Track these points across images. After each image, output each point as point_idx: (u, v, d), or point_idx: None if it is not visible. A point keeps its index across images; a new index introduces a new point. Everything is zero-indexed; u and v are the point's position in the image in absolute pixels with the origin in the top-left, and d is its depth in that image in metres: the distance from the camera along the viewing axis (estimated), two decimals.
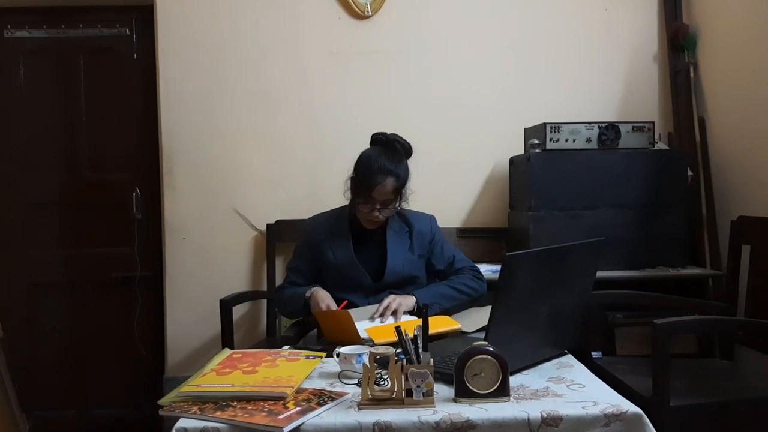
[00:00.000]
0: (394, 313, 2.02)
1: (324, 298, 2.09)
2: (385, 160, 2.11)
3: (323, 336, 2.08)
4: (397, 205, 2.16)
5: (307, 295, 2.13)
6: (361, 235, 2.20)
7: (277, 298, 2.32)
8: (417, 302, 2.10)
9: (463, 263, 2.30)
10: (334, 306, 2.06)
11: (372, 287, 2.17)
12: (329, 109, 3.10)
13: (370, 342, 1.80)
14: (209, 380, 1.47)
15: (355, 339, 1.83)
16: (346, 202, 2.24)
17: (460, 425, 1.28)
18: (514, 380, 1.51)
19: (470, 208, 3.15)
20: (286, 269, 2.31)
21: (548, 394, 1.42)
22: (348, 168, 2.19)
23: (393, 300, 2.05)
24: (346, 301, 2.09)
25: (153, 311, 3.14)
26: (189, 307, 3.06)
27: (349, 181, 2.19)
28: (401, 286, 2.18)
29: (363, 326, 1.91)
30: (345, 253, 2.18)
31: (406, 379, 1.35)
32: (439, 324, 1.95)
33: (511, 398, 1.38)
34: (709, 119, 2.98)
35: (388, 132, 2.21)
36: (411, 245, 2.23)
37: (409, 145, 2.19)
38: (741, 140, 2.77)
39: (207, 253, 3.07)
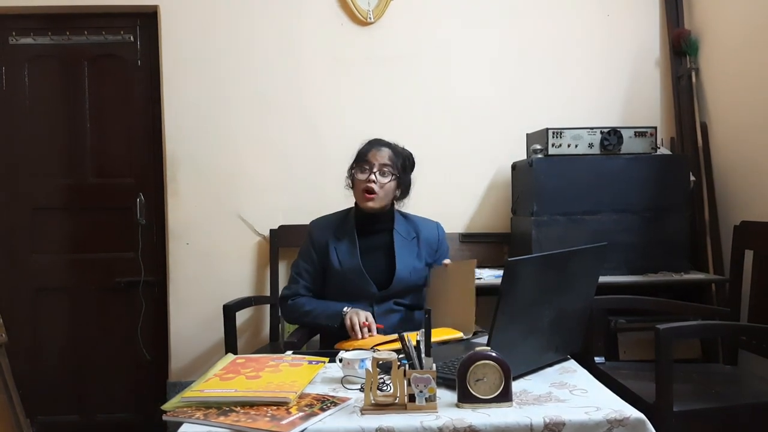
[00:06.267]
0: None
1: (367, 316, 2.01)
2: (382, 140, 2.20)
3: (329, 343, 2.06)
4: (395, 176, 2.12)
5: (345, 310, 2.04)
6: (368, 239, 2.17)
7: (291, 308, 2.21)
8: None
9: None
10: (373, 325, 1.99)
11: (377, 296, 2.13)
12: (332, 115, 3.11)
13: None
14: (212, 385, 1.47)
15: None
16: (350, 206, 2.23)
17: (462, 430, 1.28)
18: (517, 385, 1.51)
19: (473, 213, 3.15)
20: (291, 270, 2.29)
21: (551, 400, 1.42)
22: None
23: None
24: (382, 326, 2.03)
25: (156, 316, 3.15)
26: (192, 312, 3.07)
27: (348, 176, 2.20)
28: (406, 295, 2.16)
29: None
30: (351, 259, 2.13)
31: (409, 384, 1.35)
32: (441, 333, 1.93)
33: (514, 403, 1.38)
34: (711, 124, 2.98)
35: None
36: (419, 252, 2.20)
37: (408, 153, 2.24)
38: (743, 145, 2.77)
39: (210, 258, 3.08)
